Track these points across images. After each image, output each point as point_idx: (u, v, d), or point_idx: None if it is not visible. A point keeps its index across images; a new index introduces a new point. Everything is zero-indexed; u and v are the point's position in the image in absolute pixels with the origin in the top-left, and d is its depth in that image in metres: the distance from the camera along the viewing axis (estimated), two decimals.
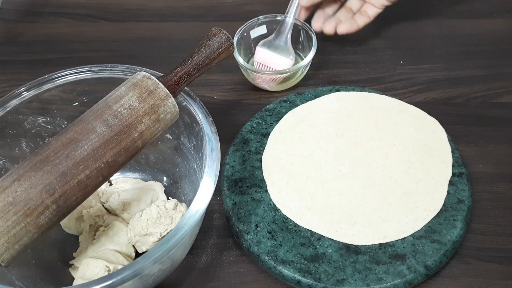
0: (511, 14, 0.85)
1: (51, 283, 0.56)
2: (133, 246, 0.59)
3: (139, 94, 0.50)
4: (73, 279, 0.57)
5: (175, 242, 0.46)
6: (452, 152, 0.64)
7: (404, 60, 0.79)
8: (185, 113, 0.57)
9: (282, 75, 0.72)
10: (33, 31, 0.86)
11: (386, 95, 0.70)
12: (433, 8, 0.86)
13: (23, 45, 0.84)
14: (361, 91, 0.71)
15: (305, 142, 0.66)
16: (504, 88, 0.75)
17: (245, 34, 0.75)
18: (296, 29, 0.75)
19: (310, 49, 0.73)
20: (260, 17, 0.76)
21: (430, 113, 0.68)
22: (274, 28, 0.75)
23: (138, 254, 0.59)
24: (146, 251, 0.56)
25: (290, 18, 0.74)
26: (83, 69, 0.59)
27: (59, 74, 0.58)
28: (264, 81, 0.73)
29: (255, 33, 0.76)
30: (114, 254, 0.56)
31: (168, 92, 0.51)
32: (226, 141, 0.65)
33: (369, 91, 0.71)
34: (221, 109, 0.74)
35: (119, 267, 0.54)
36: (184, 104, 0.56)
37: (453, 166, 0.62)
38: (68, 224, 0.60)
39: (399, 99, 0.70)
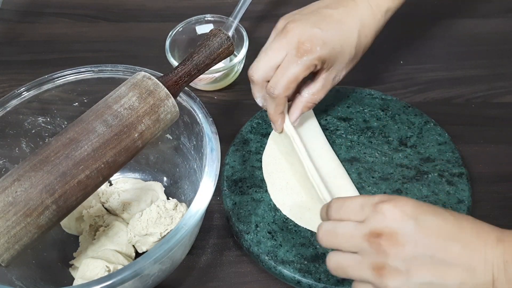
0: (511, 14, 0.85)
1: (51, 283, 0.56)
2: (133, 246, 0.59)
3: (139, 94, 0.50)
4: (73, 279, 0.57)
5: (175, 242, 0.46)
6: (452, 152, 0.64)
7: (404, 60, 0.79)
8: (185, 113, 0.57)
9: (219, 73, 0.72)
10: (33, 31, 0.86)
11: (386, 95, 0.70)
12: (433, 8, 0.86)
13: (23, 45, 0.84)
14: (360, 91, 0.71)
15: (305, 142, 0.66)
16: (504, 88, 0.75)
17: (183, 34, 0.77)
18: None
19: (242, 46, 0.74)
20: (206, 15, 0.78)
21: (430, 113, 0.68)
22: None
23: (138, 254, 0.59)
24: (146, 251, 0.56)
25: (234, 21, 0.74)
26: (83, 69, 0.59)
27: (59, 74, 0.58)
28: (201, 81, 0.73)
29: (200, 30, 0.77)
30: (114, 254, 0.56)
31: (168, 92, 0.51)
32: (226, 141, 0.65)
33: (369, 91, 0.71)
34: (221, 109, 0.74)
35: (119, 267, 0.54)
36: (184, 104, 0.56)
37: (453, 166, 0.62)
38: (68, 224, 0.60)
39: (399, 99, 0.70)
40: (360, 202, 0.46)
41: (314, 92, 0.61)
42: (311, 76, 0.61)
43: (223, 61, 0.59)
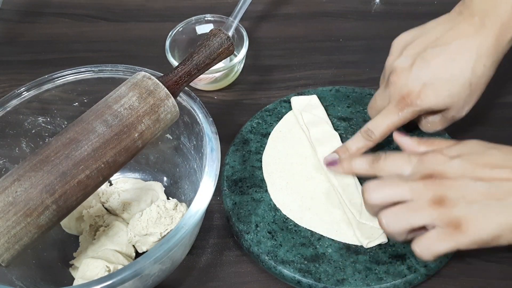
0: None
1: (51, 283, 0.56)
2: (133, 246, 0.59)
3: (139, 94, 0.50)
4: (73, 279, 0.57)
5: (175, 242, 0.46)
6: None
7: None
8: (185, 113, 0.57)
9: (219, 73, 0.72)
10: (33, 31, 0.86)
11: None
12: (432, 8, 0.86)
13: (23, 45, 0.84)
14: (361, 91, 0.71)
15: (305, 142, 0.66)
16: (504, 88, 0.75)
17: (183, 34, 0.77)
18: None
19: (242, 46, 0.74)
20: (206, 15, 0.78)
21: None
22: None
23: (138, 254, 0.59)
24: (146, 251, 0.56)
25: (234, 21, 0.74)
26: (83, 69, 0.59)
27: (59, 74, 0.58)
28: (201, 81, 0.73)
29: (200, 30, 0.77)
30: (114, 254, 0.56)
31: (168, 92, 0.51)
32: (226, 141, 0.65)
33: (369, 91, 0.71)
34: (221, 109, 0.74)
35: (119, 267, 0.54)
36: (184, 104, 0.56)
37: None
38: (68, 224, 0.60)
39: None
40: (407, 154, 0.52)
41: (429, 121, 0.62)
42: None
43: (223, 61, 0.59)
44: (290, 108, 0.69)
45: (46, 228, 0.47)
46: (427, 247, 0.47)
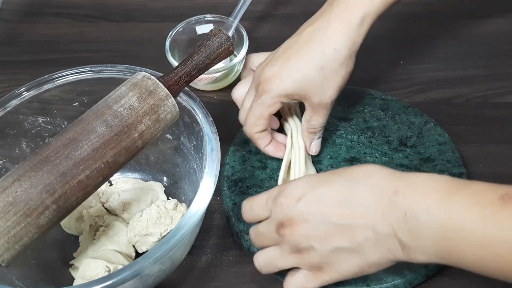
0: (511, 14, 0.85)
1: (51, 283, 0.56)
2: (133, 246, 0.59)
3: (139, 94, 0.50)
4: (73, 279, 0.57)
5: (175, 242, 0.46)
6: (452, 152, 0.64)
7: (404, 60, 0.79)
8: (185, 113, 0.57)
9: (219, 73, 0.72)
10: (33, 32, 0.86)
11: (386, 95, 0.70)
12: (433, 8, 0.86)
13: (23, 45, 0.84)
14: (361, 91, 0.71)
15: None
16: (504, 88, 0.75)
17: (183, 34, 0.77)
18: None
19: (242, 46, 0.74)
20: (206, 15, 0.78)
21: (430, 113, 0.68)
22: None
23: (138, 254, 0.59)
24: (146, 251, 0.56)
25: (234, 21, 0.74)
26: (83, 69, 0.59)
27: (59, 74, 0.58)
28: (201, 81, 0.73)
29: (200, 30, 0.78)
30: (114, 254, 0.56)
31: (168, 92, 0.51)
32: (226, 141, 0.65)
33: (369, 91, 0.71)
34: (221, 109, 0.74)
35: (119, 267, 0.54)
36: (184, 104, 0.56)
37: (453, 166, 0.62)
38: (68, 224, 0.60)
39: (399, 99, 0.70)
40: (265, 198, 0.51)
41: (307, 119, 0.61)
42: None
43: (223, 61, 0.59)
44: None
45: (46, 228, 0.47)
46: (296, 286, 0.51)
